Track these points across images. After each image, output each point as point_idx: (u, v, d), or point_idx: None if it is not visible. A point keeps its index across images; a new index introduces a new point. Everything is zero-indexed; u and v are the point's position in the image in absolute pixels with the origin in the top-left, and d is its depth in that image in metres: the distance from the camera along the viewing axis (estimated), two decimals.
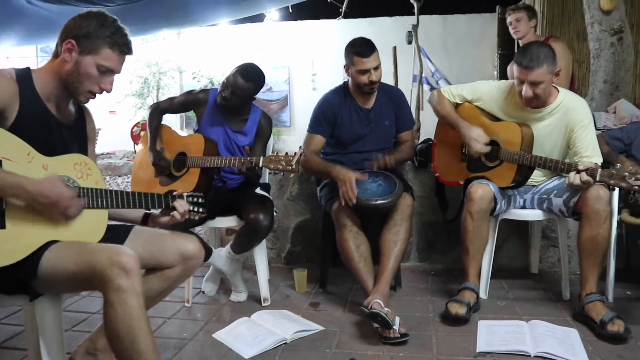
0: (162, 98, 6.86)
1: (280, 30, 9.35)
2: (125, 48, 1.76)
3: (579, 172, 2.31)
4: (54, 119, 1.74)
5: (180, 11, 6.21)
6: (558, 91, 2.60)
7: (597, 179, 2.26)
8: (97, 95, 1.79)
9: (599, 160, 2.51)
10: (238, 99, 2.74)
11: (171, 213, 1.94)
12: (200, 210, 2.01)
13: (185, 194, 1.99)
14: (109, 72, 1.75)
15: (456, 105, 2.80)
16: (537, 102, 2.52)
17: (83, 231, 1.70)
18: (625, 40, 4.06)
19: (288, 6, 8.03)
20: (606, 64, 4.09)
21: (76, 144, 1.82)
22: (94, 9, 1.76)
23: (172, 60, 9.51)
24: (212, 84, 9.02)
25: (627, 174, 2.17)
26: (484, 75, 8.22)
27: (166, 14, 6.27)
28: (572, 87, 3.62)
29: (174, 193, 1.98)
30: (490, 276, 2.79)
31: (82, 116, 1.91)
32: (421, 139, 3.60)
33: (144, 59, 9.29)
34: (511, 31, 3.78)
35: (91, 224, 1.74)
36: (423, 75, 6.62)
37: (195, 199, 2.00)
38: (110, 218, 1.85)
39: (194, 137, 2.80)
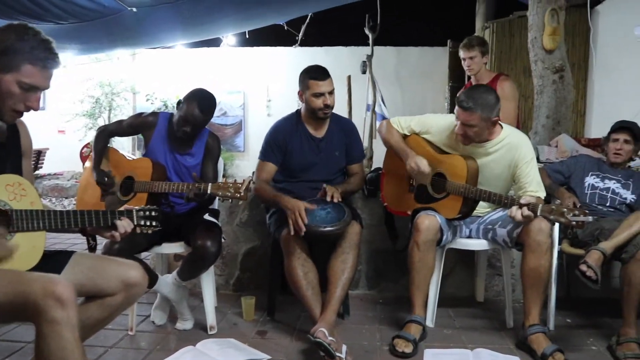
0: (115, 119, 6.74)
1: (236, 56, 9.40)
2: (49, 63, 1.64)
3: (520, 206, 2.38)
4: None
5: (133, 32, 6.17)
6: (502, 128, 2.69)
7: (538, 214, 2.34)
8: (24, 113, 1.68)
9: (542, 194, 2.60)
10: (196, 130, 2.74)
11: (111, 232, 1.88)
12: (153, 224, 1.96)
13: (135, 208, 1.94)
14: (33, 89, 1.63)
15: (404, 137, 2.86)
16: (468, 142, 2.61)
17: (16, 256, 1.61)
18: (566, 79, 4.27)
19: (245, 32, 8.10)
20: (549, 100, 4.28)
21: (9, 163, 1.74)
22: (14, 23, 1.64)
23: (125, 81, 9.39)
24: (166, 107, 8.94)
25: (565, 210, 2.25)
26: (436, 106, 8.48)
27: (120, 33, 6.21)
28: (517, 122, 3.75)
29: (122, 207, 1.93)
30: (437, 305, 2.82)
31: (15, 131, 1.81)
32: (373, 168, 3.65)
33: (96, 78, 9.14)
34: (465, 67, 3.82)
35: (25, 248, 1.65)
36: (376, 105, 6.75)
37: (147, 213, 1.95)
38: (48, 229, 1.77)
39: (142, 161, 2.75)
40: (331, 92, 2.78)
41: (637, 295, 2.45)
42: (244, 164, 9.18)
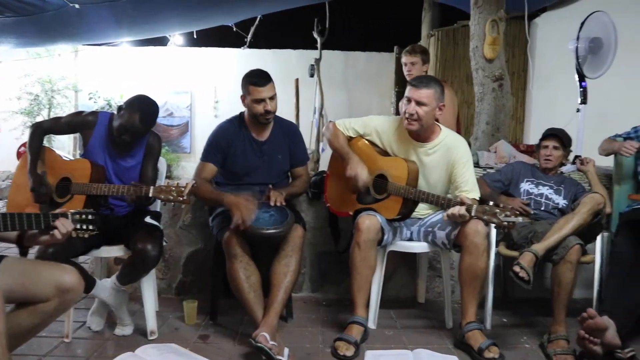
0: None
1: (183, 56, 9.25)
2: None
3: (461, 203, 2.47)
4: None
5: (76, 28, 5.97)
6: (441, 129, 2.79)
7: (473, 213, 2.43)
8: None
9: (476, 195, 2.70)
10: (136, 138, 2.68)
11: (51, 232, 1.81)
12: (90, 227, 1.91)
13: (70, 212, 1.87)
14: None
15: (350, 139, 2.90)
16: (416, 125, 2.67)
17: None
18: (505, 87, 4.43)
19: (193, 32, 7.98)
20: (488, 107, 4.43)
21: None
22: None
23: (67, 78, 9.06)
24: (110, 106, 8.69)
25: (498, 210, 2.35)
26: (382, 110, 8.63)
27: (61, 29, 6.01)
28: (457, 128, 3.86)
29: (57, 210, 1.86)
30: (380, 306, 2.87)
31: None
32: (319, 171, 3.67)
33: (35, 74, 8.79)
34: (405, 72, 3.94)
35: None
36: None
37: (83, 216, 1.89)
38: None
39: (80, 162, 2.67)
40: (272, 98, 2.77)
41: (567, 295, 2.58)
42: (190, 165, 9.02)
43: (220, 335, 2.74)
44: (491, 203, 2.41)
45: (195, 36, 8.16)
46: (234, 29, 8.18)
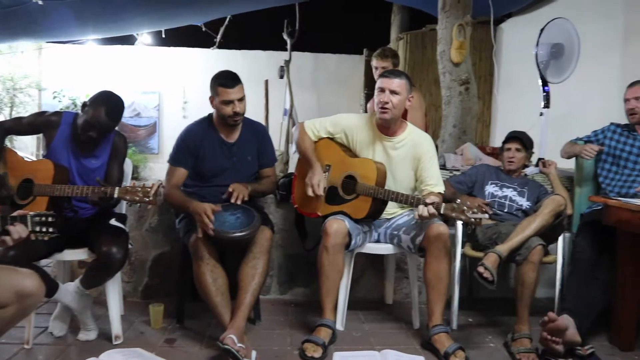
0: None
1: (152, 55, 9.12)
2: None
3: (426, 205, 2.50)
4: None
5: (39, 25, 5.84)
6: (407, 125, 2.86)
7: (442, 211, 2.47)
8: None
9: (441, 189, 2.76)
10: (102, 135, 2.63)
11: (2, 237, 1.77)
12: (50, 230, 1.87)
13: (30, 214, 1.83)
14: None
15: (319, 139, 2.92)
16: (391, 114, 2.71)
17: None
18: (472, 90, 4.51)
19: (161, 31, 7.89)
20: (455, 110, 4.50)
21: None
22: None
23: (30, 77, 8.85)
24: (75, 105, 8.52)
25: (465, 208, 2.40)
26: (351, 112, 8.66)
27: (24, 26, 5.87)
28: (425, 131, 3.90)
29: (16, 212, 1.82)
30: (348, 308, 2.88)
31: None
32: (288, 172, 3.67)
33: None
34: (375, 75, 3.95)
35: None
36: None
37: (43, 219, 1.85)
38: None
39: (42, 163, 2.60)
40: (241, 99, 2.76)
41: (530, 294, 2.64)
42: (158, 166, 8.90)
43: (187, 339, 2.71)
44: (458, 201, 2.45)
45: (163, 35, 8.07)
46: (203, 29, 8.12)
